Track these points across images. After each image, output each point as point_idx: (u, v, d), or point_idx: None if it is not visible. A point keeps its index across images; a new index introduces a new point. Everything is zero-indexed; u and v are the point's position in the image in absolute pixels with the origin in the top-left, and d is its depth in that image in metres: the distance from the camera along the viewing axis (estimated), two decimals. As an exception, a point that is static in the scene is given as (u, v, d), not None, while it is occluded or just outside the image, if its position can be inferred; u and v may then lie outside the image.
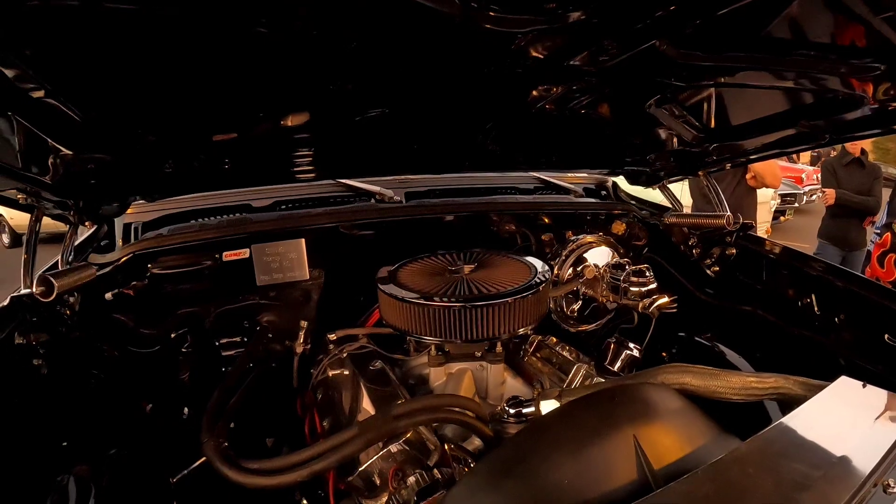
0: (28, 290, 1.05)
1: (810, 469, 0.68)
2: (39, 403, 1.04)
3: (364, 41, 0.70)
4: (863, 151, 3.59)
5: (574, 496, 0.60)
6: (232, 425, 1.06)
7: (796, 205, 8.99)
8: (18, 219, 9.32)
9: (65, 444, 1.08)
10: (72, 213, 1.23)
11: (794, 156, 11.09)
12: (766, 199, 6.05)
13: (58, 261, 1.25)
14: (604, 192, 2.06)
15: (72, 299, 1.15)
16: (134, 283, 1.32)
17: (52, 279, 1.03)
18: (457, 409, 0.91)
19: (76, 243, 1.37)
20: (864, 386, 0.93)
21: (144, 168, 1.27)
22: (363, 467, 0.91)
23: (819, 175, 7.25)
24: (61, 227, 1.26)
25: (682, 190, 3.73)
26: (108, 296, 1.29)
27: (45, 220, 1.18)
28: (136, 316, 1.33)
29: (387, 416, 0.87)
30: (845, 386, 0.94)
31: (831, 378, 0.93)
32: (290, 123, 1.16)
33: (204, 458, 1.06)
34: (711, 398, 0.91)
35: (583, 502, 0.57)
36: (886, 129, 1.27)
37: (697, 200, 3.10)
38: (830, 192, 3.48)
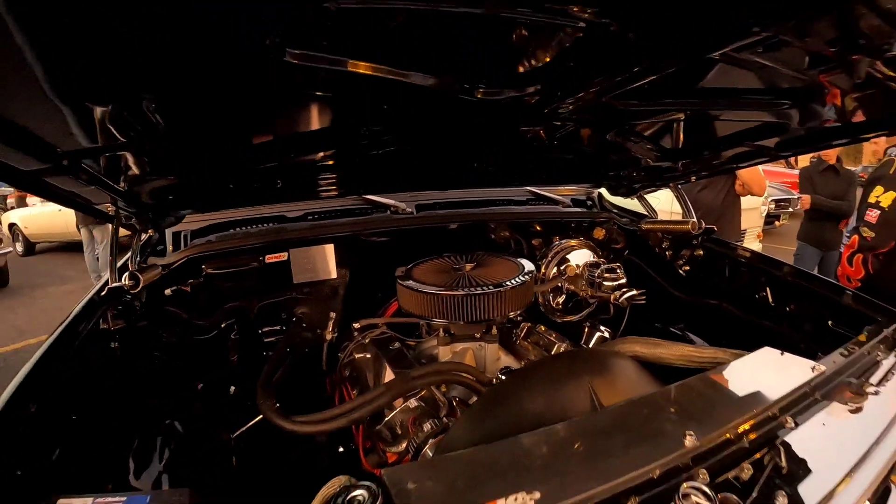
0: (117, 284, 1.31)
1: (713, 403, 0.92)
2: (116, 378, 1.28)
3: (391, 106, 0.98)
4: (838, 159, 3.84)
5: (543, 418, 0.85)
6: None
7: (791, 210, 9.14)
8: (33, 228, 9.64)
9: (136, 411, 1.32)
10: (140, 222, 1.46)
11: (793, 160, 11.24)
12: (756, 205, 6.22)
13: (127, 262, 1.51)
14: (590, 203, 2.32)
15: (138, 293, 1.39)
16: (190, 280, 1.58)
17: (138, 274, 1.29)
18: (460, 374, 1.16)
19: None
20: (782, 354, 1.18)
21: (204, 189, 1.54)
22: (388, 418, 1.16)
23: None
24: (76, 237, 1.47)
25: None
26: (168, 291, 1.54)
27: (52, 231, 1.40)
28: (192, 308, 1.58)
29: (406, 377, 1.12)
30: (767, 353, 1.17)
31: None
32: (318, 156, 1.43)
33: (258, 418, 1.32)
34: (658, 363, 1.16)
35: (548, 421, 0.82)
36: (810, 148, 1.53)
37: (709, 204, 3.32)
38: (806, 198, 3.74)
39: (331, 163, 1.56)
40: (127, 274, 1.28)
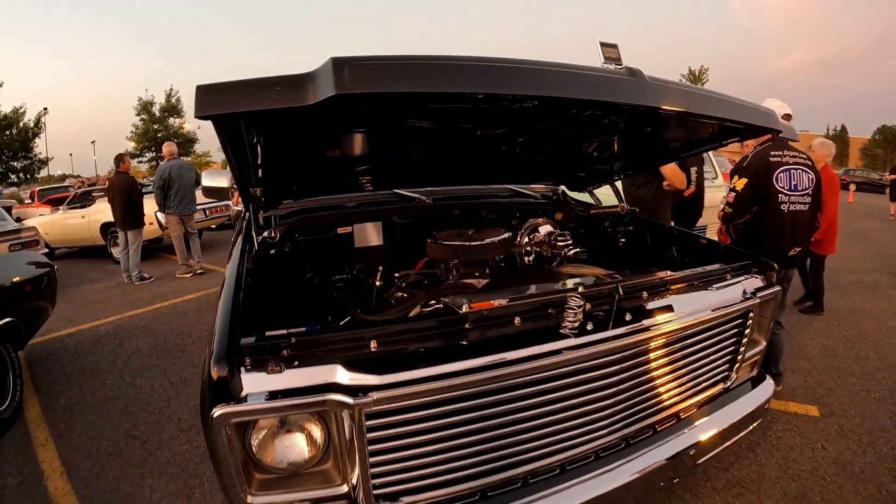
0: (263, 236, 2.09)
1: (601, 281, 1.74)
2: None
3: (436, 139, 1.85)
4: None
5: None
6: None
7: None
8: (53, 234, 10.24)
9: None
10: (265, 203, 2.23)
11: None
12: (715, 203, 7.00)
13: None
14: (555, 197, 3.17)
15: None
16: (288, 244, 2.37)
17: (277, 231, 2.10)
18: (466, 289, 1.99)
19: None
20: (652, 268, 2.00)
21: (301, 186, 2.36)
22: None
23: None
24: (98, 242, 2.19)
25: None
26: (272, 251, 2.33)
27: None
28: (284, 264, 2.37)
29: (436, 289, 1.95)
30: (642, 269, 2.01)
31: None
32: (369, 166, 2.25)
33: (348, 319, 2.12)
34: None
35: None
36: (688, 154, 2.41)
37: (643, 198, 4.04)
38: None
39: (375, 169, 2.40)
40: (271, 229, 2.08)
